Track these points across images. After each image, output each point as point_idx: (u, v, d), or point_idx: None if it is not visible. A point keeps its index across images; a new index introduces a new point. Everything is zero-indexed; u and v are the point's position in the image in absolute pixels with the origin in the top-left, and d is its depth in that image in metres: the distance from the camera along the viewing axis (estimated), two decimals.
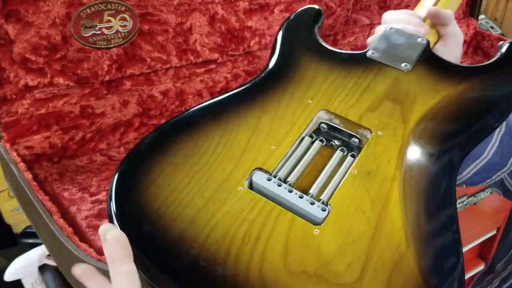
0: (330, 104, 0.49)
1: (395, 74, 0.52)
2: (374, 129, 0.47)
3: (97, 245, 0.55)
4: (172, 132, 0.46)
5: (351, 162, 0.45)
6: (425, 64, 0.52)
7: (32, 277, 0.89)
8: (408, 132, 0.46)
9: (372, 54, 0.54)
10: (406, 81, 0.51)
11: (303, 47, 0.57)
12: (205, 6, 0.76)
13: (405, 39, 0.54)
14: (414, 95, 0.49)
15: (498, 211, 1.17)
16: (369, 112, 0.48)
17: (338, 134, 0.48)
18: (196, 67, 0.80)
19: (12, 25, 0.61)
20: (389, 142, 0.45)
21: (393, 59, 0.53)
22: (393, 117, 0.47)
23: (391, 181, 0.42)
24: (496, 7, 1.60)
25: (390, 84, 0.51)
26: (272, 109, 0.48)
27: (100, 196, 0.63)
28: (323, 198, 0.42)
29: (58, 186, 0.65)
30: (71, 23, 0.65)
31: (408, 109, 0.48)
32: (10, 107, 0.65)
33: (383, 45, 0.54)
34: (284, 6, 0.85)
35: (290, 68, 0.54)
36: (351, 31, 0.98)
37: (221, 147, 0.45)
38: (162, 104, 0.78)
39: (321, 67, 0.53)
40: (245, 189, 0.42)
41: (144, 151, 0.45)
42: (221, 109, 0.49)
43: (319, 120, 0.49)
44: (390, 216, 0.39)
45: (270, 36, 0.86)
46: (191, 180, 0.42)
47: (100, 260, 0.48)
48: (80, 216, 0.60)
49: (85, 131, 0.71)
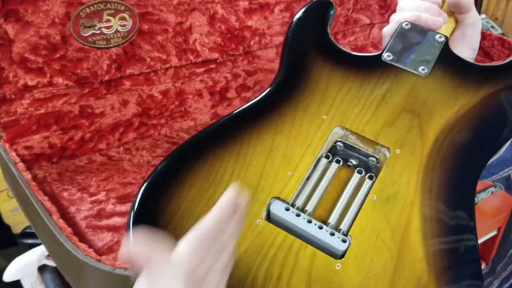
0: (346, 120, 0.47)
1: (412, 80, 0.49)
2: (392, 146, 0.44)
3: (97, 245, 0.55)
4: (185, 161, 0.44)
5: (369, 186, 0.43)
6: (443, 66, 0.49)
7: (31, 277, 0.89)
8: (426, 150, 0.44)
9: (388, 57, 0.50)
10: (423, 89, 0.48)
11: (315, 51, 0.53)
12: (205, 5, 0.76)
13: (422, 38, 0.50)
14: (432, 105, 0.47)
15: (499, 211, 1.17)
16: (386, 128, 0.46)
17: (355, 152, 0.46)
18: (196, 66, 0.80)
19: (11, 25, 0.61)
20: (407, 162, 0.43)
21: (410, 63, 0.49)
22: (411, 132, 0.45)
23: (410, 206, 0.40)
24: (496, 6, 1.60)
25: (407, 92, 0.48)
26: (286, 128, 0.46)
27: (100, 196, 0.63)
28: (343, 227, 0.40)
29: (58, 186, 0.65)
30: (71, 23, 0.65)
31: (427, 122, 0.45)
32: (9, 107, 0.65)
33: (399, 46, 0.51)
34: (284, 5, 0.85)
35: (302, 78, 0.50)
36: (351, 30, 0.98)
37: (236, 174, 0.43)
38: (162, 104, 0.77)
39: (334, 74, 0.50)
40: (264, 222, 0.40)
41: (160, 183, 0.42)
42: (233, 129, 0.46)
43: (335, 137, 0.47)
44: (411, 245, 0.38)
45: (270, 35, 0.86)
46: None
47: (99, 260, 0.48)
48: (79, 216, 0.59)
49: (85, 131, 0.71)
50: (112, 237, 0.57)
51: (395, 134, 0.45)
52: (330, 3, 0.56)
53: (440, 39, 0.50)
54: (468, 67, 0.50)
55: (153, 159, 0.72)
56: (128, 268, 0.48)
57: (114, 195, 0.64)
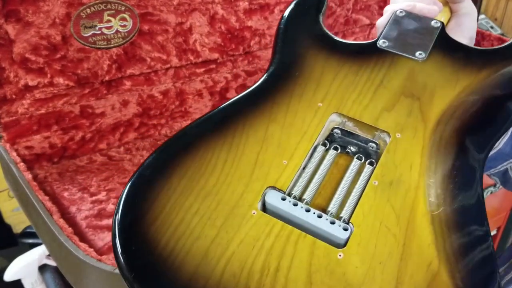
0: (343, 106, 0.45)
1: (410, 65, 0.47)
2: (392, 131, 0.43)
3: (97, 245, 0.55)
4: (175, 152, 0.42)
5: (370, 172, 0.41)
6: (442, 50, 0.48)
7: (32, 277, 0.89)
8: (429, 132, 0.42)
9: (383, 44, 0.49)
10: (422, 73, 0.47)
11: (308, 40, 0.52)
12: (205, 6, 0.76)
13: (417, 24, 0.49)
14: (433, 88, 0.46)
15: (498, 211, 1.17)
16: (386, 112, 0.44)
17: (354, 139, 0.45)
18: (196, 67, 0.80)
19: (12, 25, 0.61)
20: (409, 145, 0.42)
21: (406, 48, 0.48)
22: (412, 115, 0.44)
23: (415, 190, 0.39)
24: (496, 7, 1.60)
25: (405, 77, 0.47)
26: (280, 116, 0.44)
27: (100, 196, 0.63)
28: (344, 215, 0.39)
29: (58, 186, 0.65)
30: (71, 23, 0.65)
31: (427, 105, 0.44)
32: (10, 107, 0.65)
33: (394, 32, 0.49)
34: (284, 6, 0.85)
35: (295, 67, 0.49)
36: (351, 31, 0.98)
37: (229, 165, 0.41)
38: (162, 104, 0.78)
39: (329, 62, 0.49)
40: (259, 212, 0.38)
41: (147, 177, 0.40)
42: (225, 119, 0.45)
43: (332, 125, 0.45)
44: (418, 230, 0.37)
45: (270, 36, 0.86)
46: (200, 207, 0.38)
47: (100, 260, 0.48)
48: (80, 216, 0.60)
49: (85, 131, 0.71)
50: None
51: (395, 119, 0.44)
52: None
53: (436, 24, 0.49)
54: (467, 50, 0.49)
55: None
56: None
57: (115, 195, 0.64)
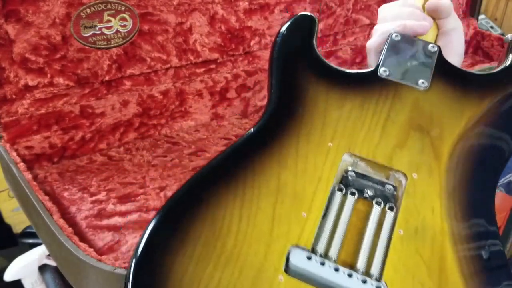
0: (353, 145, 0.43)
1: (414, 95, 0.46)
2: (408, 171, 0.41)
3: (97, 245, 0.55)
4: (182, 213, 0.38)
5: (392, 219, 0.39)
6: (442, 77, 0.47)
7: (32, 277, 0.89)
8: (443, 170, 0.41)
9: (384, 73, 0.47)
10: (427, 103, 0.45)
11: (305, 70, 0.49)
12: (205, 6, 0.76)
13: (415, 48, 0.48)
14: (440, 119, 0.44)
15: (498, 210, 1.17)
16: (398, 150, 0.43)
17: (370, 181, 0.43)
18: (196, 67, 0.80)
19: (12, 25, 0.61)
20: (427, 186, 0.41)
21: (408, 77, 0.47)
22: (424, 152, 0.42)
23: (441, 236, 0.38)
24: (496, 7, 1.60)
25: (411, 109, 0.45)
26: (290, 162, 0.41)
27: (100, 196, 0.63)
28: (374, 272, 0.36)
29: (58, 186, 0.65)
30: (71, 23, 0.65)
31: (438, 140, 0.43)
32: (10, 107, 0.65)
33: (394, 60, 0.48)
34: (284, 6, 0.85)
35: (297, 102, 0.46)
36: (351, 31, 0.98)
37: (245, 223, 0.37)
38: (162, 104, 0.78)
39: (331, 95, 0.46)
40: (286, 277, 0.35)
41: (156, 245, 0.36)
42: (232, 169, 0.41)
43: (345, 166, 0.43)
44: (450, 280, 0.36)
45: (270, 36, 0.86)
46: (222, 276, 0.34)
47: (100, 260, 0.48)
48: (80, 216, 0.60)
49: (85, 131, 0.71)
50: (112, 237, 0.57)
51: (408, 156, 0.42)
52: (312, 18, 0.52)
53: (433, 49, 0.48)
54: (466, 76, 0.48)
55: (153, 159, 0.72)
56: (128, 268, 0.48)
57: (115, 195, 0.64)
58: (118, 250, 0.55)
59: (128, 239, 0.56)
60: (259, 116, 0.46)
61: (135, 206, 0.62)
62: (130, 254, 0.54)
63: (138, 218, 0.60)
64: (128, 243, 0.56)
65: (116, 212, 0.61)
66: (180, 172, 0.70)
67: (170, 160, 0.72)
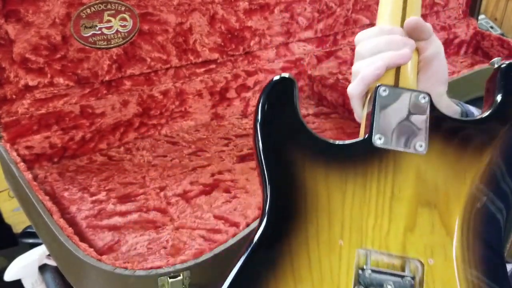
0: (365, 238, 0.41)
1: (414, 161, 0.43)
2: (423, 257, 0.40)
3: (97, 245, 0.55)
4: None
5: None
6: (439, 135, 0.43)
7: (32, 277, 0.89)
8: (458, 246, 0.40)
9: (379, 141, 0.43)
10: (429, 170, 0.43)
11: (298, 152, 0.43)
12: (205, 6, 0.76)
13: (405, 102, 0.44)
14: (445, 188, 0.42)
15: None
16: (409, 234, 0.41)
17: (387, 275, 0.40)
18: (196, 67, 0.80)
19: (12, 25, 0.61)
20: (445, 270, 0.39)
21: (404, 142, 0.43)
22: (435, 230, 0.41)
23: None
24: (496, 7, 1.60)
25: (415, 180, 0.42)
26: (305, 273, 0.39)
27: (100, 196, 0.63)
28: None
29: (58, 186, 0.65)
30: (71, 23, 0.65)
31: (446, 213, 0.41)
32: (10, 107, 0.65)
33: (386, 122, 0.44)
34: (284, 6, 0.86)
35: (297, 196, 0.41)
36: (351, 31, 0.98)
37: None
38: (162, 104, 0.78)
39: (331, 179, 0.42)
40: None
41: None
42: None
43: (360, 264, 0.41)
44: None
45: (270, 36, 0.86)
46: None
47: (100, 260, 0.48)
48: (80, 216, 0.60)
49: (85, 131, 0.71)
50: (112, 236, 0.57)
51: (421, 239, 0.40)
52: (291, 80, 0.44)
53: (423, 99, 0.44)
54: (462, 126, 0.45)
55: (153, 159, 0.72)
56: (128, 268, 0.48)
57: (115, 195, 0.64)
58: (118, 250, 0.55)
59: (128, 239, 0.56)
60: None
61: (135, 206, 0.62)
62: (130, 254, 0.54)
63: (138, 218, 0.60)
64: (128, 243, 0.56)
65: (116, 212, 0.61)
66: (180, 172, 0.70)
67: (170, 160, 0.72)
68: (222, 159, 0.73)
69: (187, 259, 0.49)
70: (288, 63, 0.91)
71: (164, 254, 0.54)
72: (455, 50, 1.17)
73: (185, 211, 0.62)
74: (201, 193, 0.65)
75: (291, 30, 0.89)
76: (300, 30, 0.90)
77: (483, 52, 1.16)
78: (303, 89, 0.94)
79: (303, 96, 0.95)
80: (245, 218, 0.58)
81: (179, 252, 0.54)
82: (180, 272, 0.48)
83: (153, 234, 0.57)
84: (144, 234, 0.57)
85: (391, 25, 0.46)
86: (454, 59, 1.16)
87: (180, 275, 0.48)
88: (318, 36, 0.94)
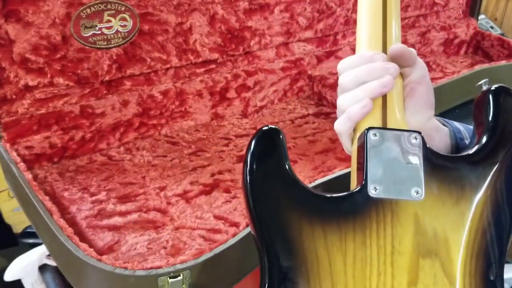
0: None
1: (412, 209, 0.42)
2: None
3: (97, 245, 0.55)
4: None
5: None
6: (433, 178, 0.42)
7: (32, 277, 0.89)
8: None
9: (375, 191, 0.42)
10: (427, 217, 0.41)
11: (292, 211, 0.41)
12: (205, 6, 0.76)
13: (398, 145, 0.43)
14: (444, 235, 0.41)
15: None
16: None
17: None
18: (196, 67, 0.80)
19: (12, 25, 0.61)
20: None
21: (400, 189, 0.42)
22: (438, 280, 0.40)
23: None
24: (496, 7, 1.60)
25: (414, 229, 0.41)
26: None
27: (100, 196, 0.63)
28: None
29: (58, 186, 0.65)
30: (71, 23, 0.65)
31: (448, 262, 0.41)
32: (10, 107, 0.65)
33: (380, 170, 0.42)
34: (284, 6, 0.86)
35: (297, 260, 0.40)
36: (351, 31, 0.98)
37: None
38: (162, 104, 0.78)
39: (330, 239, 0.41)
40: None
41: None
42: None
43: None
44: None
45: (270, 36, 0.86)
46: None
47: (100, 260, 0.48)
48: (80, 216, 0.60)
49: (85, 131, 0.71)
50: (112, 236, 0.57)
51: None
52: (276, 130, 0.41)
53: (415, 140, 0.42)
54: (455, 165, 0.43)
55: (153, 159, 0.72)
56: (128, 268, 0.48)
57: (115, 195, 0.64)
58: (118, 250, 0.55)
59: (128, 239, 0.56)
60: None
61: (135, 206, 0.62)
62: (130, 254, 0.54)
63: (138, 218, 0.60)
64: (128, 243, 0.56)
65: (116, 212, 0.61)
66: (180, 172, 0.70)
67: (170, 160, 0.72)
68: (222, 159, 0.73)
69: (187, 259, 0.49)
70: (288, 63, 0.91)
71: (164, 254, 0.54)
72: (455, 50, 1.17)
73: (185, 211, 0.62)
74: (201, 193, 0.65)
75: (291, 30, 0.89)
76: (300, 30, 0.90)
77: (483, 52, 1.16)
78: (303, 89, 0.94)
79: (303, 96, 0.95)
80: (245, 218, 0.58)
81: (179, 252, 0.54)
82: (180, 272, 0.48)
83: (153, 234, 0.57)
84: (144, 234, 0.57)
85: (371, 51, 0.44)
86: (454, 59, 1.16)
87: (180, 275, 0.48)
88: (318, 36, 0.94)
